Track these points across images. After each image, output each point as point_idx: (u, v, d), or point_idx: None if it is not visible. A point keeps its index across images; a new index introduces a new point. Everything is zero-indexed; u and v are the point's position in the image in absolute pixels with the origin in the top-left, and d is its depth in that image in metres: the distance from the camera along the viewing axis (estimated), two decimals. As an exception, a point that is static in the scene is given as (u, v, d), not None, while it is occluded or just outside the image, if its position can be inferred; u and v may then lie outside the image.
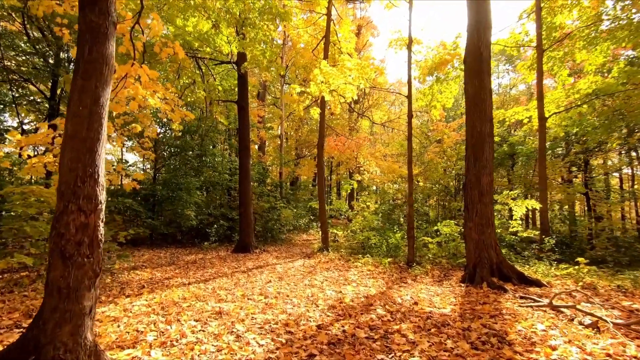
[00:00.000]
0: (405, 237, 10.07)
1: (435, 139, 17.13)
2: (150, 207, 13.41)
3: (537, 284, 6.31)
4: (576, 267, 7.19)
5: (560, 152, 15.47)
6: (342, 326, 4.07)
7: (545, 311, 4.65)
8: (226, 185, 15.57)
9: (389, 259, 8.88)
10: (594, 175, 15.80)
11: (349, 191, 15.04)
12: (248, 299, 5.39)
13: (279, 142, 20.60)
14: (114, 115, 7.83)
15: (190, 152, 15.65)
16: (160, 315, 4.30)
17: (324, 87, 9.27)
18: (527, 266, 8.02)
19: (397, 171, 16.94)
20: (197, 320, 4.11)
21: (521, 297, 5.48)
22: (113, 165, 11.13)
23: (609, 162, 17.54)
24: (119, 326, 3.83)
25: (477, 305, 4.99)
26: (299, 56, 13.59)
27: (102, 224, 2.91)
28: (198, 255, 10.19)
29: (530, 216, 17.13)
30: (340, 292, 6.04)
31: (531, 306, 4.87)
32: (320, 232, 12.45)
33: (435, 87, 12.42)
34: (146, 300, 4.98)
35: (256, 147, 22.15)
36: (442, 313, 4.63)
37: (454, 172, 14.11)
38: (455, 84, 12.40)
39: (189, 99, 10.60)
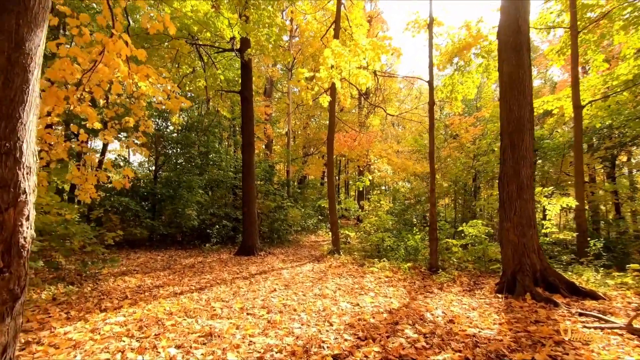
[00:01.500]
0: (426, 239, 9.09)
1: (452, 134, 16.07)
2: (150, 207, 12.66)
3: (592, 295, 5.28)
4: (632, 274, 6.16)
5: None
6: (365, 356, 3.14)
7: (622, 335, 3.65)
8: (231, 183, 14.74)
9: (408, 264, 7.92)
10: (618, 173, 14.61)
11: (361, 188, 14.10)
12: (247, 314, 4.49)
13: (286, 139, 19.74)
14: (101, 103, 7.04)
15: (195, 150, 14.89)
16: (135, 338, 3.42)
17: (334, 73, 8.37)
18: (570, 273, 6.97)
19: (410, 168, 15.92)
20: (179, 347, 3.22)
21: (580, 314, 4.48)
22: (117, 161, 10.32)
23: (633, 160, 16.29)
24: (75, 356, 2.96)
25: (530, 325, 4.01)
26: (307, 45, 12.70)
27: (27, 224, 2.03)
28: (197, 259, 9.35)
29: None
30: (358, 304, 5.10)
31: (600, 328, 3.87)
32: (330, 233, 11.53)
33: (456, 77, 11.42)
34: (124, 316, 4.12)
35: (263, 146, 21.36)
36: (489, 337, 3.67)
37: (473, 169, 13.04)
38: (477, 72, 11.38)
39: (187, 89, 9.79)
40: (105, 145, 16.57)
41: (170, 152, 14.10)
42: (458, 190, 13.37)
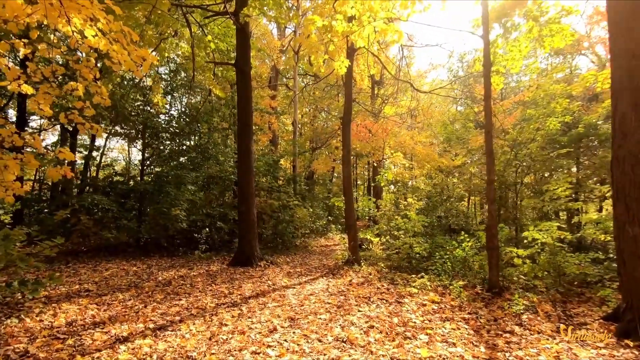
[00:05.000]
0: (477, 246, 6.99)
1: (484, 121, 13.88)
2: (132, 206, 10.72)
3: None
4: None
5: None
6: None
7: None
8: (229, 179, 12.70)
9: (459, 282, 5.83)
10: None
11: (382, 184, 12.01)
12: (221, 395, 2.47)
13: (292, 130, 17.73)
14: (21, 54, 5.08)
15: (191, 140, 12.97)
16: None
17: (355, 28, 6.34)
18: None
19: (436, 161, 13.79)
20: None
21: None
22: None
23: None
24: None
25: None
26: (318, 14, 10.66)
27: None
28: (180, 271, 7.36)
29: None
30: (412, 365, 3.05)
31: None
32: (345, 237, 9.50)
33: (499, 45, 9.30)
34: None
35: (268, 141, 19.39)
36: None
37: (517, 160, 10.87)
38: (525, 39, 9.25)
39: (167, 54, 7.82)
40: (93, 139, 14.70)
41: (160, 143, 12.18)
42: (499, 186, 11.21)
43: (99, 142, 18.19)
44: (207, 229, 10.03)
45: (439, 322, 4.34)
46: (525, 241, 6.61)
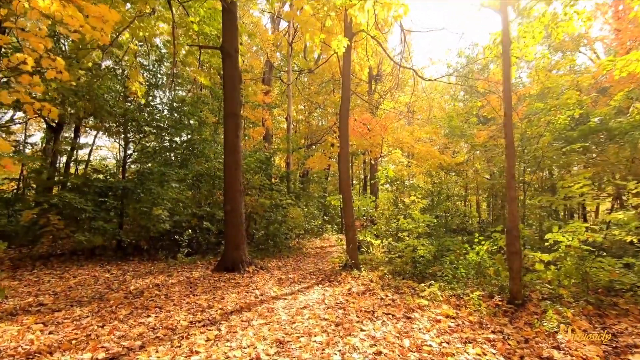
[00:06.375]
0: (493, 248, 6.23)
1: (487, 117, 13.21)
2: (111, 206, 9.83)
3: None
4: None
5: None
6: None
7: None
8: (217, 176, 11.83)
9: (477, 292, 5.06)
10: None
11: (382, 182, 11.24)
12: None
13: (286, 125, 16.91)
14: None
15: (179, 133, 12.08)
16: None
17: (355, 0, 5.58)
18: None
19: (437, 158, 13.05)
20: None
21: None
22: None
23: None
24: None
25: None
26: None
27: None
28: (157, 278, 6.51)
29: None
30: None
31: None
32: (342, 237, 8.72)
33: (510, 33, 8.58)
34: None
35: (261, 137, 18.54)
36: None
37: (528, 155, 10.19)
38: (540, 23, 8.54)
39: (142, 34, 6.94)
40: (77, 131, 13.71)
41: (143, 138, 11.30)
42: (502, 183, 10.51)
43: (89, 139, 17.20)
44: (191, 231, 9.16)
45: (460, 344, 3.57)
46: (546, 244, 5.87)
